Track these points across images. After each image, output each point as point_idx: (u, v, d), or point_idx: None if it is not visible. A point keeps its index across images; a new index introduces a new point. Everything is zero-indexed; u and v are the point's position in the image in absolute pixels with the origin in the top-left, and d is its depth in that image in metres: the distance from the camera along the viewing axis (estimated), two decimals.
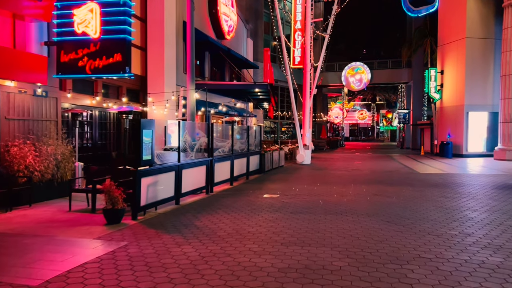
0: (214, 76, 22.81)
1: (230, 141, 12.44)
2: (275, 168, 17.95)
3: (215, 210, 8.57)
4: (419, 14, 18.37)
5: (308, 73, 27.68)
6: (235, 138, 13.00)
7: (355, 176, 15.62)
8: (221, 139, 12.28)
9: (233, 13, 22.94)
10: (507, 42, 23.24)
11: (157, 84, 16.51)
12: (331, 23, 29.88)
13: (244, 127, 14.65)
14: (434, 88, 28.58)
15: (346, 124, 74.82)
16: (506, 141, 23.40)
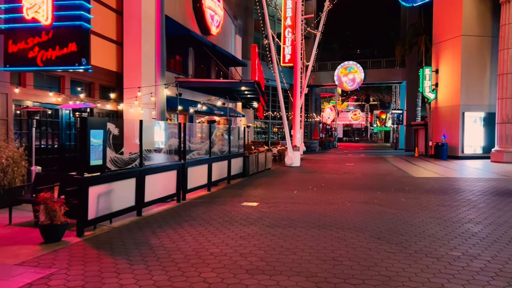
0: (199, 74, 21.66)
1: (208, 143, 11.31)
2: (261, 171, 16.85)
3: (180, 223, 7.44)
4: (414, 4, 17.35)
5: (298, 72, 26.62)
6: (214, 139, 11.87)
7: (345, 180, 14.56)
8: (198, 141, 11.15)
9: (219, 8, 21.82)
10: (504, 39, 22.31)
11: (134, 81, 15.34)
12: (323, 20, 28.88)
13: (225, 127, 13.52)
14: (429, 88, 27.63)
15: (340, 125, 74.00)
16: (503, 143, 22.47)
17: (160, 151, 9.34)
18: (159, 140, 9.76)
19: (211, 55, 19.73)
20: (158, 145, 9.61)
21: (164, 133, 9.89)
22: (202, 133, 11.49)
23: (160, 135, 10.18)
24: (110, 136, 6.86)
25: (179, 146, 9.55)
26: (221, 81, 19.85)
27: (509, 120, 22.10)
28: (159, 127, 10.07)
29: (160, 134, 10.21)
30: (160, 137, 9.93)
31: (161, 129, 10.20)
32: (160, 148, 9.45)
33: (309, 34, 39.09)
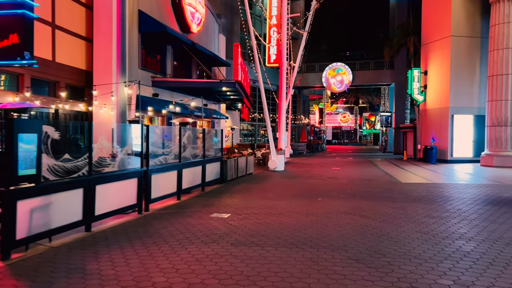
0: (179, 74, 20.70)
1: (177, 147, 10.36)
2: (241, 176, 15.92)
3: (132, 240, 6.49)
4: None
5: (284, 72, 25.77)
6: (185, 142, 10.92)
7: (329, 186, 13.70)
8: (167, 145, 10.19)
9: (200, 5, 20.89)
10: (494, 40, 21.71)
11: (105, 80, 14.33)
12: (310, 19, 28.07)
13: (199, 130, 12.57)
14: (418, 90, 26.97)
15: (329, 127, 73.47)
16: (493, 146, 21.84)
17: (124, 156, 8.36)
18: (121, 144, 8.79)
19: (190, 54, 18.78)
20: (120, 150, 8.63)
21: (127, 136, 8.93)
22: (172, 136, 10.52)
23: (127, 138, 9.22)
24: (48, 140, 5.89)
25: (141, 150, 8.58)
26: (201, 81, 18.92)
27: (500, 123, 21.48)
28: (123, 130, 9.09)
29: (127, 138, 9.26)
30: (124, 141, 8.97)
31: (127, 132, 9.24)
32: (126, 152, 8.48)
33: (297, 35, 38.32)
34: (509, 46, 21.14)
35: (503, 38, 21.25)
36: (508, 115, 21.28)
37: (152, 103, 15.47)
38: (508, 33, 21.11)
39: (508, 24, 21.11)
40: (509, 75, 21.21)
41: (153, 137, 9.20)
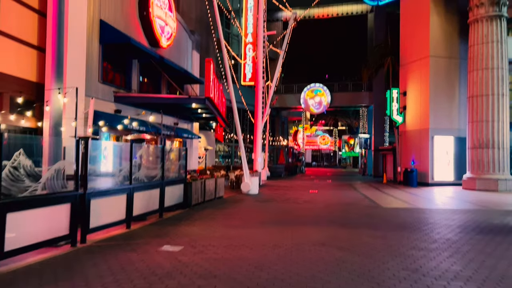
0: (145, 90, 19.40)
1: (128, 166, 8.97)
2: (209, 200, 14.51)
3: (42, 286, 5.04)
4: (379, 2, 15.99)
5: (260, 91, 24.86)
6: (139, 162, 9.55)
7: (304, 211, 12.44)
8: (114, 164, 8.80)
9: (171, 19, 19.81)
10: (473, 60, 21.26)
11: (57, 92, 12.84)
12: (287, 38, 27.36)
13: (158, 148, 11.21)
14: (397, 111, 26.32)
15: (309, 150, 72.78)
16: (475, 169, 21.10)
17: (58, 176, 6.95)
18: (53, 162, 7.38)
19: (159, 69, 17.54)
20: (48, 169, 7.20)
21: (61, 153, 7.54)
22: (122, 154, 9.14)
23: (61, 155, 7.82)
24: None
25: (76, 170, 7.18)
26: (168, 97, 17.64)
27: (481, 145, 20.80)
28: (56, 145, 7.69)
29: (61, 154, 7.86)
30: (57, 158, 7.56)
31: (60, 146, 7.84)
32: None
33: (275, 56, 37.72)
34: (488, 66, 20.69)
35: (482, 59, 20.81)
36: (490, 136, 20.64)
37: (119, 120, 14.09)
38: (488, 54, 20.69)
39: (487, 44, 20.71)
40: (489, 95, 20.68)
41: (95, 154, 7.82)
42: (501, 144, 20.59)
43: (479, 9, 20.82)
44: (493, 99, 20.60)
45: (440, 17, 23.86)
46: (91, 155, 8.40)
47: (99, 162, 8.43)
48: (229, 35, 38.03)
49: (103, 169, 8.67)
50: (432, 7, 23.74)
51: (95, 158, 8.26)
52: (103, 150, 9.08)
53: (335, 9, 40.89)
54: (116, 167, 8.84)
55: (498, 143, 20.55)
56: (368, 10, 40.53)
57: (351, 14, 41.21)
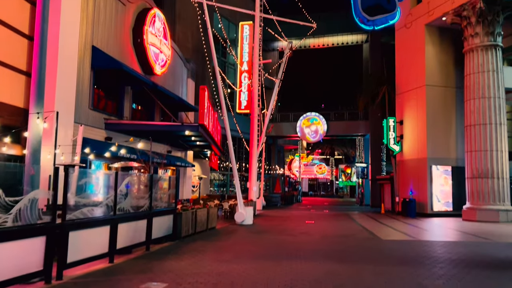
0: (138, 117, 19.07)
1: (112, 196, 8.46)
2: (200, 231, 13.88)
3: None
4: (375, 26, 15.88)
5: (255, 119, 24.56)
6: (124, 191, 9.04)
7: (300, 244, 11.85)
8: (97, 193, 8.30)
9: (166, 47, 19.72)
10: (469, 89, 21.14)
11: (46, 120, 12.46)
12: (283, 66, 27.38)
13: (145, 176, 10.72)
14: (394, 139, 26.02)
15: (305, 179, 72.18)
16: (474, 199, 20.60)
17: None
18: (27, 191, 6.86)
19: (152, 96, 17.26)
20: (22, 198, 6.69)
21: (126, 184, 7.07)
22: (106, 183, 8.65)
23: (38, 183, 7.32)
24: None
25: (53, 200, 6.67)
26: (160, 124, 17.29)
27: (480, 174, 20.39)
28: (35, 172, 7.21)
29: (39, 182, 7.36)
30: (34, 186, 7.06)
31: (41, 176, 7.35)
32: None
33: (271, 85, 37.78)
34: (485, 95, 20.55)
35: (478, 88, 20.70)
36: (489, 166, 20.26)
37: (109, 148, 13.66)
38: (484, 83, 20.59)
39: (483, 73, 20.65)
40: (487, 125, 20.44)
41: (75, 183, 7.33)
42: (500, 174, 20.19)
43: (473, 39, 20.88)
44: (491, 128, 20.35)
45: (435, 46, 23.94)
46: (77, 183, 7.94)
47: (82, 191, 7.93)
48: (225, 64, 38.14)
49: (85, 198, 8.16)
50: (427, 37, 23.85)
51: (78, 186, 7.79)
52: (86, 178, 8.59)
53: (330, 39, 41.30)
54: (99, 196, 8.33)
55: (498, 173, 20.15)
56: (363, 40, 40.97)
57: (346, 44, 41.59)
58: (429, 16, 23.50)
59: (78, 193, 7.64)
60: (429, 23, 23.58)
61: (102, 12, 15.57)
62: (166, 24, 19.98)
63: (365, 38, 40.54)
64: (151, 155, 16.59)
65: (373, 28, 16.52)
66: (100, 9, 15.45)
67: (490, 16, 20.36)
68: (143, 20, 17.75)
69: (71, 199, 7.54)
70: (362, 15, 15.14)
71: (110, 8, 16.09)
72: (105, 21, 15.75)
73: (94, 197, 8.48)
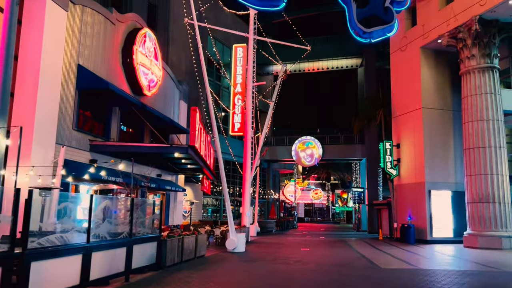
0: (126, 139, 18.38)
1: (86, 221, 7.69)
2: (187, 260, 12.99)
3: None
4: (371, 39, 15.38)
5: (249, 142, 23.97)
6: (100, 215, 8.28)
7: (293, 273, 11.01)
8: (68, 218, 7.54)
9: (156, 67, 19.25)
10: (467, 112, 20.69)
11: (24, 140, 11.76)
12: (277, 89, 27.02)
13: (125, 199, 9.97)
14: (390, 163, 25.39)
15: (301, 204, 71.09)
16: (476, 225, 19.82)
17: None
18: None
19: (140, 116, 16.63)
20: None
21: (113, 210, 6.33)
22: (80, 207, 7.90)
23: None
24: None
25: (13, 226, 5.92)
26: (148, 145, 16.58)
27: (481, 199, 19.69)
28: None
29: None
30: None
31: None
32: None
33: (266, 108, 37.44)
34: (483, 118, 20.09)
35: (476, 110, 20.26)
36: (489, 190, 19.59)
37: (81, 169, 12.91)
38: (482, 105, 20.17)
39: (480, 95, 20.26)
40: (486, 147, 19.89)
41: (41, 207, 6.59)
42: (501, 199, 19.50)
43: (470, 61, 20.59)
44: (490, 152, 19.80)
45: (431, 69, 23.67)
46: (52, 208, 7.22)
47: (50, 216, 7.18)
48: (220, 88, 37.87)
49: (56, 224, 7.40)
50: (422, 60, 23.60)
51: (46, 211, 7.04)
52: (63, 202, 7.86)
53: (325, 63, 41.27)
54: (71, 222, 7.56)
55: (499, 197, 19.47)
56: (358, 64, 40.97)
57: (341, 68, 41.56)
58: (424, 39, 23.31)
59: (44, 218, 6.89)
60: (424, 45, 23.37)
61: (90, 30, 15.11)
62: (157, 45, 19.57)
63: (360, 62, 40.56)
64: (138, 178, 15.84)
65: (370, 41, 16.02)
66: (88, 27, 14.99)
67: (486, 38, 20.14)
68: (132, 40, 17.31)
69: (41, 224, 6.79)
70: (358, 27, 14.67)
71: (98, 27, 15.64)
72: (93, 40, 15.27)
73: (66, 223, 7.71)
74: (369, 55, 38.09)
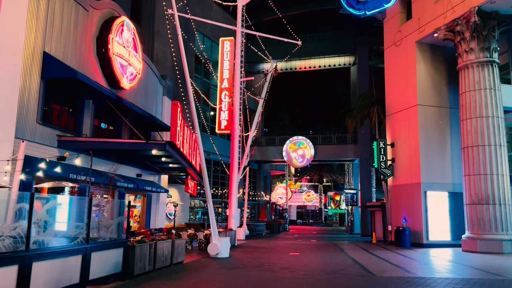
0: (103, 136, 17.07)
1: (24, 224, 6.40)
2: (162, 268, 11.68)
3: None
4: (367, 11, 14.31)
5: (236, 140, 22.74)
6: (45, 217, 6.99)
7: (278, 283, 9.77)
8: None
9: (135, 59, 17.95)
10: (465, 108, 19.63)
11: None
12: (267, 86, 25.83)
13: (79, 198, 8.67)
14: (384, 163, 24.25)
15: (293, 206, 69.96)
16: (475, 228, 18.72)
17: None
18: None
19: (115, 110, 15.31)
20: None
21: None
22: (16, 207, 6.60)
23: None
24: None
25: None
26: (122, 141, 15.26)
27: (480, 200, 18.60)
28: None
29: None
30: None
31: None
32: None
33: (256, 107, 36.28)
34: (482, 114, 19.03)
35: (475, 106, 19.20)
36: (489, 191, 18.50)
37: (65, 170, 11.61)
38: (481, 101, 19.11)
39: (479, 91, 19.20)
40: (485, 146, 18.82)
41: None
42: (502, 200, 18.43)
43: (468, 55, 19.54)
44: (490, 150, 18.74)
45: (427, 64, 22.61)
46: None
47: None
48: (209, 86, 36.63)
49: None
50: (418, 55, 22.54)
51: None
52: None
53: (317, 61, 40.17)
54: (5, 225, 6.27)
55: (500, 198, 18.40)
56: (351, 62, 39.94)
57: (333, 67, 40.48)
58: (420, 33, 22.25)
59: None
60: (420, 40, 22.32)
61: (58, 16, 13.79)
62: (136, 36, 18.28)
63: (353, 61, 39.54)
64: (113, 177, 14.53)
65: (364, 13, 14.83)
66: (56, 13, 13.67)
67: (485, 31, 19.11)
68: (108, 29, 16.01)
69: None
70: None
71: (69, 13, 14.33)
72: (62, 26, 13.96)
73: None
74: (362, 53, 37.09)
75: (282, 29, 25.35)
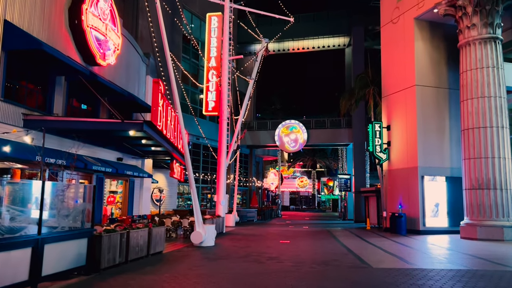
0: (78, 116, 15.79)
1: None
2: (136, 259, 10.59)
3: None
4: None
5: (224, 122, 21.52)
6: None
7: (263, 276, 8.73)
8: None
9: (114, 33, 16.57)
10: (466, 88, 18.54)
11: None
12: (258, 66, 24.53)
13: (26, 182, 7.49)
14: (380, 147, 23.21)
15: (286, 192, 69.22)
16: (474, 214, 17.81)
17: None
18: None
19: (89, 88, 14.00)
20: None
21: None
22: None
23: None
24: None
25: None
26: (95, 121, 13.97)
27: (481, 185, 17.65)
28: None
29: None
30: None
31: None
32: None
33: (246, 90, 35.03)
34: (484, 94, 17.96)
35: (477, 86, 18.11)
36: (490, 175, 17.54)
37: (37, 152, 10.37)
38: (483, 80, 18.02)
39: (481, 69, 18.09)
40: (487, 128, 17.78)
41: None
42: (503, 185, 17.49)
43: (470, 31, 18.36)
44: (491, 132, 17.72)
45: (425, 43, 21.42)
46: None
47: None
48: (198, 67, 35.22)
49: None
50: (416, 32, 21.33)
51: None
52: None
53: (310, 42, 38.80)
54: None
55: (501, 183, 17.45)
56: (346, 43, 38.63)
57: (327, 48, 39.14)
58: (418, 9, 21.01)
59: None
60: (419, 16, 21.09)
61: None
62: (114, 8, 16.88)
63: (348, 42, 38.24)
64: (90, 161, 13.32)
65: None
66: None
67: (489, 5, 17.91)
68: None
69: None
70: None
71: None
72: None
73: None
74: (358, 33, 35.78)
75: (275, 8, 24.05)
